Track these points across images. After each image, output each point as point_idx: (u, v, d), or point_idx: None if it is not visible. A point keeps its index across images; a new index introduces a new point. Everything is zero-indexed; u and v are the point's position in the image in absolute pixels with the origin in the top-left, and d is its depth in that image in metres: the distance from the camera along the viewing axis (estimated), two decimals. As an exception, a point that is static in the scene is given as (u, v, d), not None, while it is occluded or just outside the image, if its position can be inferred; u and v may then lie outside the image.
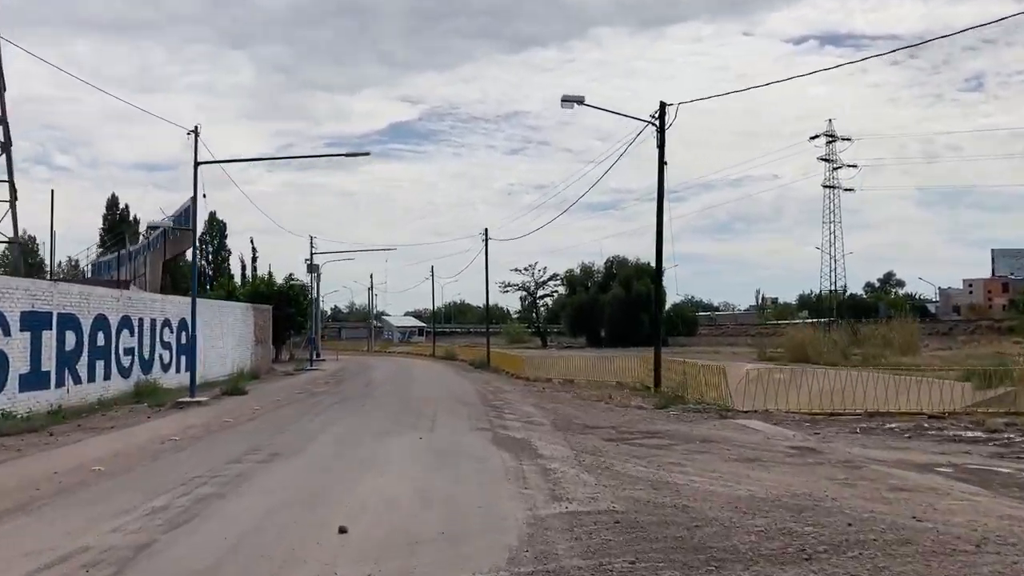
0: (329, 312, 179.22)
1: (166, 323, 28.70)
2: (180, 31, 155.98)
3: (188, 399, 22.17)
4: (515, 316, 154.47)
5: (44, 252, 58.36)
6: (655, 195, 23.00)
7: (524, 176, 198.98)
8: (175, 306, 30.81)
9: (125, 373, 25.50)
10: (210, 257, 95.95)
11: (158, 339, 27.68)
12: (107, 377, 24.14)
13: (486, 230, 44.69)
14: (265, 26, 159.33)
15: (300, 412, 19.48)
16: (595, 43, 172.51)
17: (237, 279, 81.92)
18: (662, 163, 22.78)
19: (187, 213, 49.39)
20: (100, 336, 23.85)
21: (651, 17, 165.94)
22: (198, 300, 36.08)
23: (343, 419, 17.78)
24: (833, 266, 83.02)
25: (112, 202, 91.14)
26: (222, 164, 23.84)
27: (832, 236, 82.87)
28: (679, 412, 17.72)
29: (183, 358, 31.69)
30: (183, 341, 31.62)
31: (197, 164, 22.24)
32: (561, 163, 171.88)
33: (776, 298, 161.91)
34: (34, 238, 78.26)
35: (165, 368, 28.42)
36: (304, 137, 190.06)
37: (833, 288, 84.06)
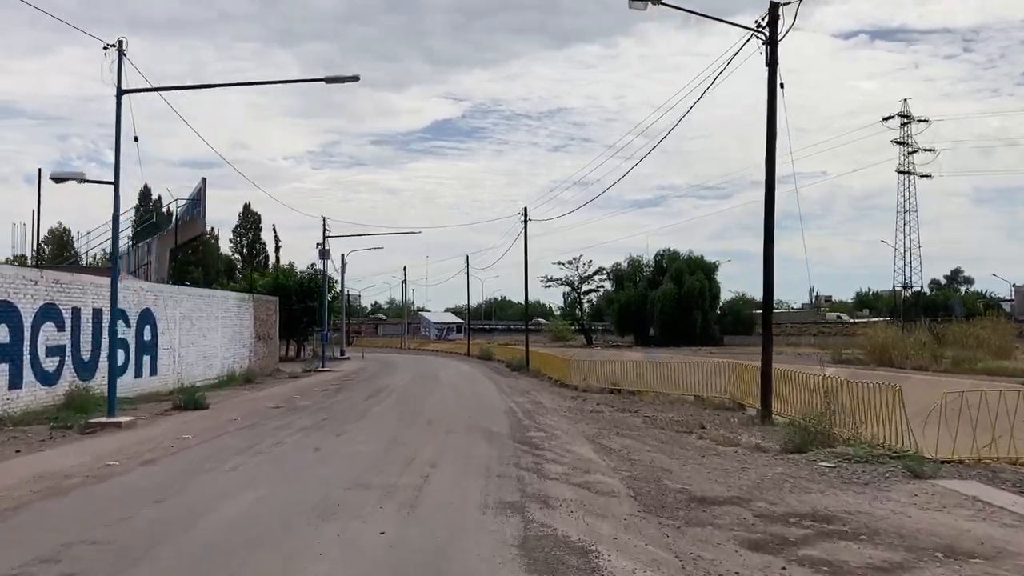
0: (369, 308, 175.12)
1: (121, 315, 22.09)
2: (230, 29, 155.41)
3: (105, 419, 15.65)
4: (558, 312, 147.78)
5: (82, 244, 53.76)
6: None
7: (567, 173, 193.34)
8: (135, 295, 24.34)
9: (48, 379, 19.04)
10: (244, 250, 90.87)
11: (104, 335, 21.10)
12: (14, 385, 17.73)
13: (525, 209, 37.77)
14: (314, 24, 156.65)
15: (242, 446, 12.75)
16: (640, 38, 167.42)
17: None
18: (774, 86, 15.55)
19: (200, 196, 43.32)
20: (2, 331, 17.52)
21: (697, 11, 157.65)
22: (175, 288, 29.85)
23: (291, 462, 11.07)
24: (908, 260, 74.37)
25: (144, 194, 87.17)
26: (160, 92, 17.13)
27: (907, 227, 74.19)
28: (834, 464, 10.54)
29: (146, 359, 25.29)
30: (147, 337, 25.20)
31: (120, 92, 15.67)
32: (604, 158, 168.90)
33: (830, 296, 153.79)
34: (68, 230, 74.17)
35: (122, 371, 21.93)
36: (349, 135, 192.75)
37: (910, 284, 75.36)
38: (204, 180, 45.53)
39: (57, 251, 64.76)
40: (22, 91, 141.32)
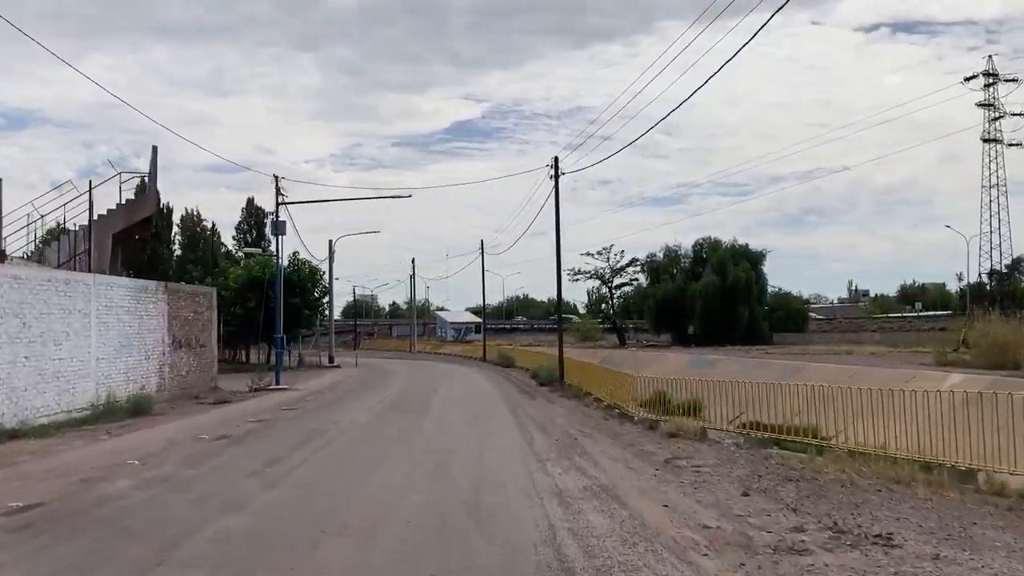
0: (386, 308, 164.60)
1: None
2: (253, 34, 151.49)
3: None
4: (583, 311, 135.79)
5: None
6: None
7: (587, 172, 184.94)
8: None
9: None
10: (247, 247, 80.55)
11: None
12: None
13: (556, 159, 26.22)
14: (335, 27, 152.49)
15: None
16: (660, 36, 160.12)
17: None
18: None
19: (152, 172, 32.53)
20: None
21: (718, 9, 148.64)
22: None
23: None
24: (998, 241, 61.99)
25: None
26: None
27: (994, 204, 61.86)
28: None
29: None
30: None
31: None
32: (624, 157, 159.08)
33: (867, 290, 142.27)
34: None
35: None
36: (372, 137, 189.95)
37: (1000, 269, 62.97)
38: (155, 149, 34.78)
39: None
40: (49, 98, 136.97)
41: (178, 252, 67.24)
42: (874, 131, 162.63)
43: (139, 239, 38.91)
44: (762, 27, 13.35)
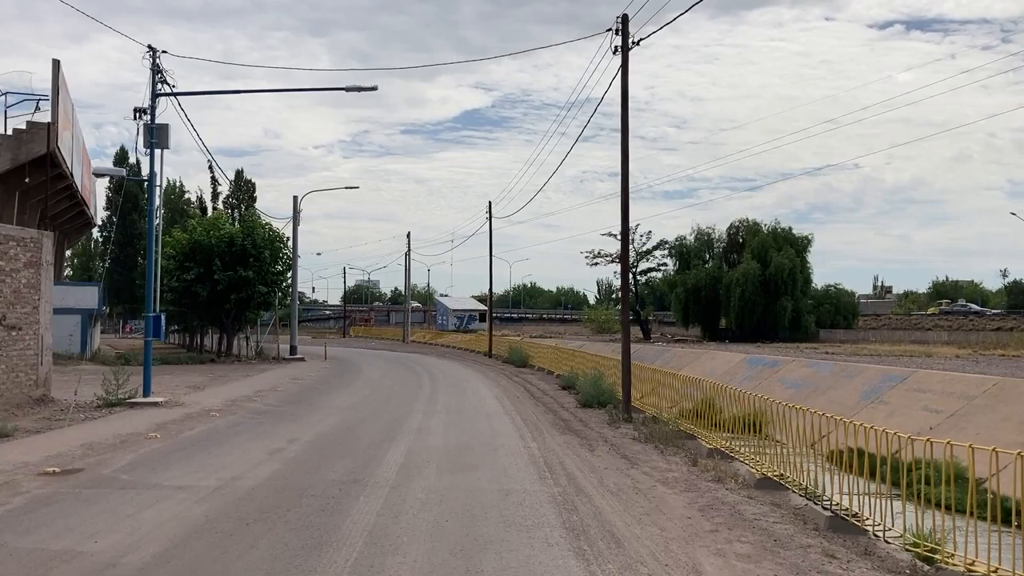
0: (388, 294, 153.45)
1: None
2: (263, 19, 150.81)
3: None
4: (593, 301, 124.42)
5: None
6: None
7: (597, 163, 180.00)
8: None
9: None
10: (236, 222, 69.57)
11: None
12: None
13: (624, 17, 14.68)
14: (346, 13, 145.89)
15: None
16: (672, 28, 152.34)
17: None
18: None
19: (56, 97, 22.15)
20: None
21: (731, 1, 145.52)
22: None
23: None
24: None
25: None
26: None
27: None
28: None
29: None
30: None
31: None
32: (634, 150, 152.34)
33: (891, 286, 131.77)
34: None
35: None
36: (380, 124, 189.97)
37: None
38: (57, 64, 23.99)
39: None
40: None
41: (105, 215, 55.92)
42: (885, 127, 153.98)
43: (30, 184, 27.17)
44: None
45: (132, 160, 55.70)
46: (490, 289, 42.28)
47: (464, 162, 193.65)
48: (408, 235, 67.96)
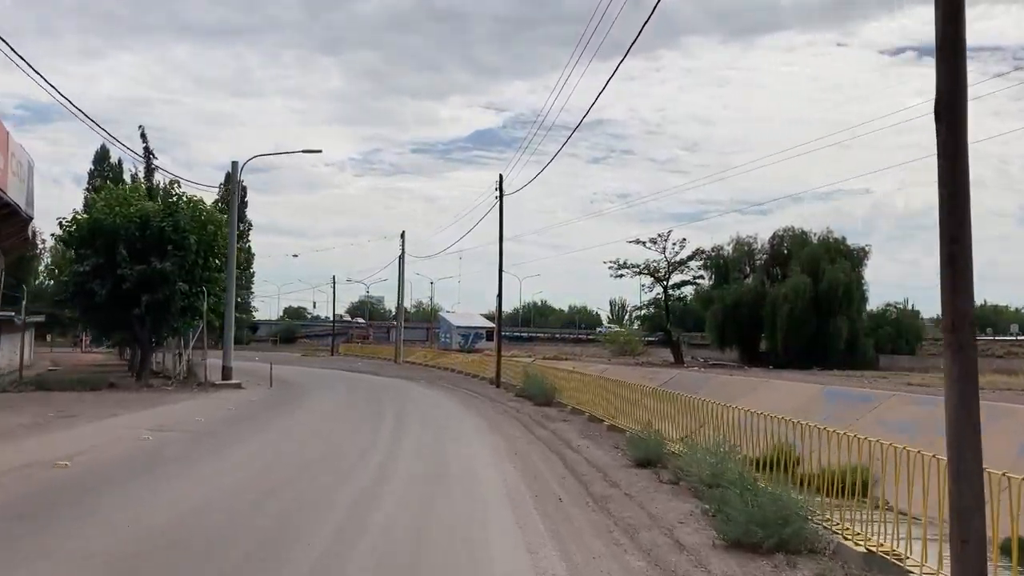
0: (392, 311, 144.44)
1: None
2: (276, 37, 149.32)
3: None
4: (607, 320, 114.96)
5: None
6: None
7: (606, 185, 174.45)
8: None
9: None
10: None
11: None
12: None
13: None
14: (359, 32, 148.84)
15: None
16: (684, 52, 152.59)
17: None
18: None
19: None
20: None
21: (743, 26, 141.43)
22: None
23: None
24: None
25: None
26: None
27: None
28: None
29: None
30: None
31: None
32: (645, 172, 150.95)
33: (918, 311, 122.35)
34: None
35: None
36: (391, 142, 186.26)
37: None
38: None
39: None
40: (72, 93, 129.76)
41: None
42: (896, 153, 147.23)
43: None
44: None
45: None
46: (499, 294, 32.25)
47: (475, 181, 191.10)
48: (402, 234, 58.37)
